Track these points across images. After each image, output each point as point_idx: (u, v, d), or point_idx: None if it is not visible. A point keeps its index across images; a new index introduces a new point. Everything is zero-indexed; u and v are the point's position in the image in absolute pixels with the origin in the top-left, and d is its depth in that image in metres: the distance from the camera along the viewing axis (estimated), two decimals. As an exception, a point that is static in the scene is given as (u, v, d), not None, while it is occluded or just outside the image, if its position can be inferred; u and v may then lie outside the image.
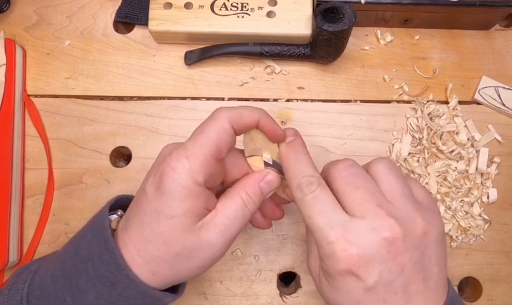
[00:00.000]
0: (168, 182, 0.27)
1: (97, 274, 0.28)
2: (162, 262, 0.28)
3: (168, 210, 0.27)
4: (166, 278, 0.29)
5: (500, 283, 0.42)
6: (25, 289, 0.30)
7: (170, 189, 0.27)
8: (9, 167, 0.41)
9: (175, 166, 0.27)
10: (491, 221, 0.43)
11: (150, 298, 0.29)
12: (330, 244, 0.27)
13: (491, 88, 0.45)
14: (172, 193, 0.27)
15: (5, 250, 0.39)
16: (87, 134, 0.44)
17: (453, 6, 0.42)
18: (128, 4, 0.46)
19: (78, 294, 0.29)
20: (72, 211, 0.42)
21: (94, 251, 0.29)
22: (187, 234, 0.28)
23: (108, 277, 0.28)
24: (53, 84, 0.45)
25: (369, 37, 0.47)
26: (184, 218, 0.27)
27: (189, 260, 0.28)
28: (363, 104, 0.45)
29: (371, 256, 0.26)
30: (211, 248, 0.29)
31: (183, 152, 0.28)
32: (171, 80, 0.45)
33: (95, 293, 0.28)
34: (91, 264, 0.29)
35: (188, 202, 0.27)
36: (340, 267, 0.27)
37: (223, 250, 0.29)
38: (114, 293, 0.28)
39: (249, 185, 0.30)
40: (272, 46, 0.43)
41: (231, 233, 0.29)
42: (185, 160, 0.27)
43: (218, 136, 0.28)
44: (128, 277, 0.28)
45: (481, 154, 0.44)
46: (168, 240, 0.28)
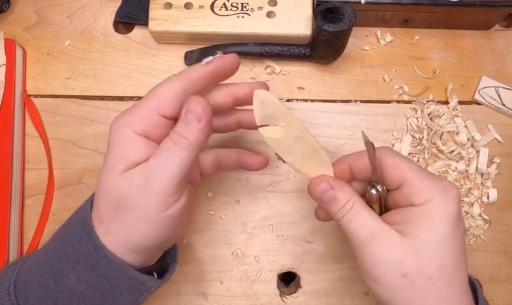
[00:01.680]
0: (111, 134, 0.28)
1: (77, 257, 0.28)
2: (109, 218, 0.28)
3: (106, 163, 0.28)
4: (120, 239, 0.28)
5: (500, 283, 0.42)
6: (14, 276, 0.31)
7: (109, 141, 0.28)
8: (9, 167, 0.41)
9: (118, 120, 0.29)
10: (491, 221, 0.43)
11: (132, 280, 0.29)
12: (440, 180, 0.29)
13: (491, 88, 0.45)
14: (111, 145, 0.28)
15: (5, 250, 0.39)
16: (87, 134, 0.44)
17: (453, 6, 0.42)
18: (128, 4, 0.46)
19: (60, 278, 0.29)
20: (72, 211, 0.42)
21: (75, 234, 0.29)
22: (120, 181, 0.27)
23: (87, 260, 0.28)
24: (52, 84, 0.45)
25: (369, 37, 0.47)
26: (119, 165, 0.28)
27: (130, 212, 0.27)
28: (363, 104, 0.45)
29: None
30: (145, 194, 0.27)
31: (131, 110, 0.29)
32: (171, 80, 0.45)
33: (76, 276, 0.28)
34: (70, 247, 0.29)
35: (124, 148, 0.28)
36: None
37: (160, 196, 0.27)
38: (94, 274, 0.28)
39: (176, 124, 0.28)
40: (272, 46, 0.43)
41: (162, 174, 0.27)
42: (128, 115, 0.28)
43: (163, 93, 0.29)
44: (106, 257, 0.28)
45: (481, 154, 0.44)
46: (107, 191, 0.28)
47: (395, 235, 0.28)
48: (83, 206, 0.31)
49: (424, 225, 0.27)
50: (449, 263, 0.27)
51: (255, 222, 0.43)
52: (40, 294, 0.29)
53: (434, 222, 0.27)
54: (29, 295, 0.29)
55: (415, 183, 0.28)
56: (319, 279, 0.42)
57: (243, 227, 0.42)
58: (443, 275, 0.27)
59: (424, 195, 0.28)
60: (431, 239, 0.27)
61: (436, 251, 0.27)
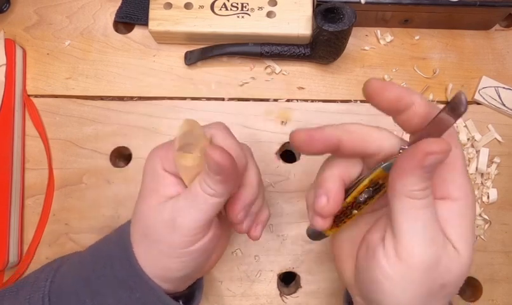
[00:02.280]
0: (145, 164, 0.30)
1: (117, 279, 0.29)
2: (139, 244, 0.29)
3: (142, 190, 0.30)
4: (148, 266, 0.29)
5: (500, 283, 0.42)
6: (47, 286, 0.31)
7: (144, 170, 0.30)
8: (9, 167, 0.41)
9: (153, 151, 0.30)
10: (491, 221, 0.43)
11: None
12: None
13: (492, 88, 0.45)
14: (145, 174, 0.30)
15: (5, 250, 0.39)
16: (87, 134, 0.44)
17: (453, 6, 0.42)
18: (127, 4, 0.46)
19: (98, 297, 0.29)
20: (72, 211, 0.42)
21: (115, 256, 0.30)
22: (150, 212, 0.29)
23: (127, 283, 0.29)
24: (52, 84, 0.45)
25: (369, 37, 0.47)
26: (149, 198, 0.29)
27: (156, 244, 0.28)
28: (363, 104, 0.45)
29: None
30: (169, 230, 0.28)
31: (167, 144, 0.30)
32: (171, 80, 0.45)
33: (115, 297, 0.29)
34: (110, 268, 0.30)
35: (155, 182, 0.29)
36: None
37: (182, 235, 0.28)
38: (133, 297, 0.29)
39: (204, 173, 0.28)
40: (272, 46, 0.43)
41: (187, 215, 0.28)
42: (162, 150, 0.29)
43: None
44: (147, 284, 0.29)
45: (481, 154, 0.44)
46: (139, 218, 0.29)
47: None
48: (122, 228, 0.32)
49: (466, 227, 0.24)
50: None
51: (255, 222, 0.43)
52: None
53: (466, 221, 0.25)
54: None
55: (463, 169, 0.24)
56: (319, 279, 0.42)
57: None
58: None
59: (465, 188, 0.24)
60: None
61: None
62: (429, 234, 0.23)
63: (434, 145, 0.22)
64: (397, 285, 0.24)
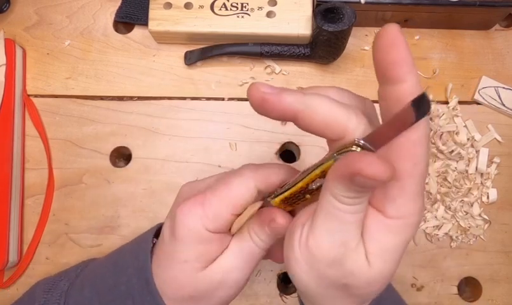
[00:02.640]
0: (180, 227, 0.27)
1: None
2: (179, 303, 0.29)
3: (180, 254, 0.27)
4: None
5: (500, 283, 0.42)
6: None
7: (182, 234, 0.27)
8: (9, 167, 0.41)
9: (189, 212, 0.27)
10: (491, 221, 0.43)
11: None
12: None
13: (491, 88, 0.45)
14: (184, 239, 0.27)
15: (5, 250, 0.39)
16: (87, 134, 0.44)
17: (453, 6, 0.42)
18: (128, 4, 0.46)
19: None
20: (72, 211, 0.42)
21: (135, 288, 0.29)
22: (198, 278, 0.28)
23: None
24: (52, 84, 0.45)
25: (369, 37, 0.47)
26: (196, 263, 0.27)
27: (205, 300, 0.29)
28: (363, 104, 0.45)
29: None
30: (222, 288, 0.28)
31: (200, 199, 0.27)
32: (171, 80, 0.45)
33: None
34: (131, 301, 0.29)
35: (200, 247, 0.27)
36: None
37: (236, 287, 0.29)
38: None
39: (256, 227, 0.28)
40: (272, 46, 0.43)
41: (241, 271, 0.28)
42: (199, 208, 0.27)
43: (240, 193, 0.27)
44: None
45: (481, 154, 0.44)
46: (181, 284, 0.28)
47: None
48: (140, 257, 0.30)
49: (386, 245, 0.23)
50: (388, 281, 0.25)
51: (255, 222, 0.43)
52: None
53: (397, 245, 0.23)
54: None
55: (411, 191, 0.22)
56: (319, 279, 0.42)
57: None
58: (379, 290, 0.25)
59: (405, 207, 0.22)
60: (388, 264, 0.23)
61: (389, 273, 0.24)
62: (342, 237, 0.23)
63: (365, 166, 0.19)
64: (303, 269, 0.24)
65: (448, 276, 0.42)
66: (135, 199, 0.43)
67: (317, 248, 0.23)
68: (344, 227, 0.23)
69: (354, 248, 0.23)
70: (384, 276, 0.24)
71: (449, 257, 0.43)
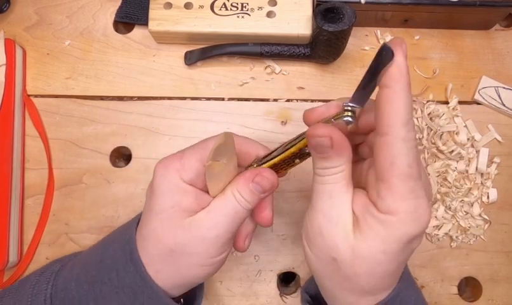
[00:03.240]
0: (158, 179, 0.29)
1: (121, 284, 0.29)
2: (161, 260, 0.29)
3: (157, 206, 0.29)
4: (170, 278, 0.29)
5: (500, 283, 0.42)
6: (49, 289, 0.31)
7: (159, 186, 0.29)
8: (9, 167, 0.41)
9: (167, 165, 0.29)
10: (491, 221, 0.43)
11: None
12: (418, 202, 0.24)
13: (491, 88, 0.45)
14: (161, 190, 0.28)
15: (5, 250, 0.39)
16: (87, 134, 0.44)
17: (453, 6, 0.42)
18: (128, 4, 0.46)
19: (101, 301, 0.29)
20: (72, 211, 0.42)
21: (120, 261, 0.30)
22: (177, 229, 0.28)
23: (132, 288, 0.29)
24: (53, 84, 0.45)
25: (369, 37, 0.47)
26: (172, 212, 0.28)
27: (185, 257, 0.29)
28: (363, 104, 0.45)
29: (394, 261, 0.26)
30: (203, 244, 0.29)
31: (179, 154, 0.29)
32: (171, 80, 0.45)
33: (118, 302, 0.29)
34: (115, 273, 0.29)
35: (176, 197, 0.28)
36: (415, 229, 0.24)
37: (217, 246, 0.29)
38: (136, 302, 0.29)
39: (240, 184, 0.29)
40: (272, 46, 0.43)
41: (224, 229, 0.29)
42: (177, 161, 0.29)
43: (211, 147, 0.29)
44: (151, 289, 0.29)
45: (481, 154, 0.44)
46: (160, 236, 0.29)
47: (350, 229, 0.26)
48: (127, 232, 0.31)
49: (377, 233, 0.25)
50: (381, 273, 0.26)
51: (255, 222, 0.43)
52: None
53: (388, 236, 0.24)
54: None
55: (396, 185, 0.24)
56: (319, 279, 0.42)
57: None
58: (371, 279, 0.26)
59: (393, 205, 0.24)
60: (376, 249, 0.25)
61: (374, 259, 0.25)
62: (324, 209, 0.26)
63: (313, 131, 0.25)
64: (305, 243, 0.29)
65: (448, 276, 0.42)
66: (135, 199, 0.43)
67: (308, 220, 0.28)
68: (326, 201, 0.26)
69: (336, 223, 0.26)
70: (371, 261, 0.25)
71: (449, 257, 0.43)
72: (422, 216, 0.24)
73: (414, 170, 0.23)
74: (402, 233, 0.24)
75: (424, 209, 0.24)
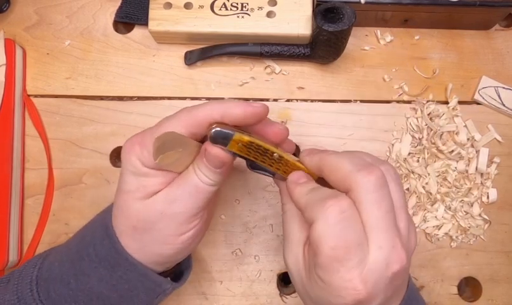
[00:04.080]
0: (124, 162, 0.30)
1: (98, 258, 0.30)
2: (127, 236, 0.30)
3: (124, 185, 0.30)
4: (136, 253, 0.30)
5: (500, 283, 0.42)
6: (35, 272, 0.32)
7: (125, 167, 0.30)
8: (9, 167, 0.41)
9: (129, 150, 0.29)
10: (491, 221, 0.43)
11: (150, 282, 0.31)
12: (344, 281, 0.25)
13: (491, 88, 0.45)
14: (127, 171, 0.29)
15: (5, 250, 0.39)
16: (87, 134, 0.44)
17: (453, 6, 0.42)
18: (127, 4, 0.46)
19: (81, 277, 0.30)
20: (72, 211, 0.42)
21: (97, 237, 0.31)
22: (139, 207, 0.29)
23: (108, 261, 0.30)
24: (53, 84, 0.45)
25: (369, 37, 0.47)
26: (137, 193, 0.29)
27: (147, 234, 0.29)
28: (362, 104, 0.45)
29: (378, 291, 0.26)
30: (163, 220, 0.29)
31: (139, 139, 0.29)
32: (171, 80, 0.45)
33: (97, 276, 0.30)
34: (92, 248, 0.30)
35: (140, 179, 0.29)
36: (344, 301, 0.26)
37: (177, 222, 0.29)
38: (114, 275, 0.30)
39: (197, 159, 0.29)
40: (272, 46, 0.43)
41: (184, 205, 0.29)
42: (137, 146, 0.29)
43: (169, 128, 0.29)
44: (127, 260, 0.29)
45: (481, 154, 0.44)
46: (126, 213, 0.29)
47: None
48: (105, 210, 0.32)
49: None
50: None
51: (254, 222, 0.43)
52: (62, 291, 0.30)
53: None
54: (51, 292, 0.30)
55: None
56: (319, 279, 0.42)
57: (243, 227, 0.42)
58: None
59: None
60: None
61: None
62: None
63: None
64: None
65: (448, 276, 0.43)
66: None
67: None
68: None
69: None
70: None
71: (449, 257, 0.43)
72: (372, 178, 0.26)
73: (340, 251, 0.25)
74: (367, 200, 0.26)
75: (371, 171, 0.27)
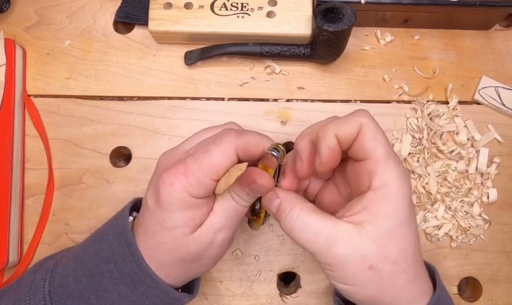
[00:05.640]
0: (166, 196, 0.28)
1: (120, 274, 0.29)
2: (172, 266, 0.30)
3: (169, 221, 0.28)
4: (180, 277, 0.31)
5: (500, 283, 0.42)
6: (46, 287, 0.31)
7: (169, 203, 0.28)
8: (9, 167, 0.41)
9: (172, 182, 0.28)
10: (491, 221, 0.43)
11: (170, 298, 0.31)
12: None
13: (491, 88, 0.45)
14: (171, 207, 0.28)
15: (5, 250, 0.39)
16: (87, 134, 0.44)
17: (453, 6, 0.42)
18: (128, 4, 0.46)
19: (102, 293, 0.30)
20: (72, 211, 0.42)
21: (117, 252, 0.30)
22: (189, 241, 0.29)
23: (131, 277, 0.29)
24: (53, 84, 0.45)
25: (369, 37, 0.47)
26: (186, 228, 0.29)
27: (196, 262, 0.30)
28: (362, 104, 0.45)
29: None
30: (212, 247, 0.30)
31: (182, 168, 0.28)
32: (171, 80, 0.45)
33: (118, 292, 0.30)
34: (113, 264, 0.30)
35: (188, 213, 0.28)
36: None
37: (224, 245, 0.31)
38: (136, 292, 0.30)
39: (236, 188, 0.29)
40: (272, 46, 0.43)
41: (229, 230, 0.30)
42: (182, 177, 0.27)
43: (221, 161, 0.28)
44: (150, 277, 0.29)
45: (481, 154, 0.44)
46: (172, 248, 0.29)
47: (353, 230, 0.27)
48: (119, 222, 0.31)
49: (385, 212, 0.27)
50: (409, 245, 0.27)
51: (255, 222, 0.43)
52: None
53: (394, 208, 0.27)
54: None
55: (381, 163, 0.27)
56: (319, 279, 0.42)
57: (243, 227, 0.42)
58: (406, 256, 0.27)
59: (384, 177, 0.27)
60: (392, 225, 0.27)
61: (398, 236, 0.27)
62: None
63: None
64: None
65: (448, 276, 0.42)
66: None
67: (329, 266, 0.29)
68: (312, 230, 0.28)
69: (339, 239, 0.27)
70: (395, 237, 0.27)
71: (449, 257, 0.43)
72: (407, 177, 0.28)
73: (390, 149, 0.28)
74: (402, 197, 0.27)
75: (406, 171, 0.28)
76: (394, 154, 0.28)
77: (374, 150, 0.27)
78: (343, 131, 0.27)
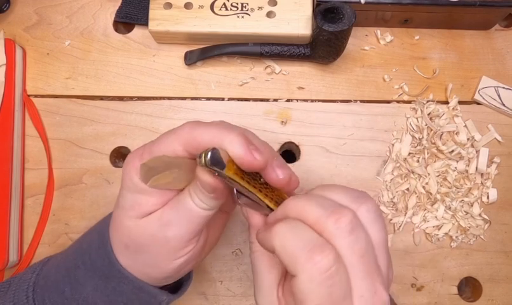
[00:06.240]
0: (123, 176, 0.28)
1: (93, 267, 0.29)
2: (119, 252, 0.29)
3: (121, 200, 0.28)
4: (129, 268, 0.29)
5: (500, 283, 0.42)
6: (33, 278, 0.31)
7: (124, 182, 0.28)
8: (9, 167, 0.41)
9: (128, 162, 0.28)
10: (491, 221, 0.43)
11: (145, 293, 0.30)
12: None
13: (491, 88, 0.45)
14: (125, 187, 0.28)
15: (5, 250, 0.39)
16: (87, 134, 0.44)
17: (453, 6, 0.42)
18: (128, 4, 0.46)
19: (76, 285, 0.29)
20: (72, 211, 0.42)
21: (94, 245, 0.30)
22: (130, 225, 0.28)
23: (102, 271, 0.29)
24: (52, 84, 0.45)
25: (369, 37, 0.47)
26: (131, 211, 0.28)
27: (140, 254, 0.28)
28: (363, 104, 0.45)
29: None
30: (156, 241, 0.28)
31: (140, 151, 0.28)
32: (171, 80, 0.45)
33: (92, 285, 0.29)
34: (88, 256, 0.30)
35: (136, 196, 0.28)
36: None
37: (170, 246, 0.28)
38: (108, 286, 0.29)
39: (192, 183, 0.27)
40: (272, 46, 0.43)
41: (178, 230, 0.27)
42: (137, 160, 0.27)
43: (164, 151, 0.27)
44: (119, 272, 0.29)
45: (481, 154, 0.44)
46: (119, 229, 0.28)
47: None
48: (104, 219, 0.32)
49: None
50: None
51: (255, 222, 0.43)
52: (56, 300, 0.30)
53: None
54: (45, 299, 0.30)
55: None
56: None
57: (243, 227, 0.42)
58: None
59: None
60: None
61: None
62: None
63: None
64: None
65: (448, 276, 0.43)
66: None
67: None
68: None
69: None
70: None
71: (449, 257, 0.43)
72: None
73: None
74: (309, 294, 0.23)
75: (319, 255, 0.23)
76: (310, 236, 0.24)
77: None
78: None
